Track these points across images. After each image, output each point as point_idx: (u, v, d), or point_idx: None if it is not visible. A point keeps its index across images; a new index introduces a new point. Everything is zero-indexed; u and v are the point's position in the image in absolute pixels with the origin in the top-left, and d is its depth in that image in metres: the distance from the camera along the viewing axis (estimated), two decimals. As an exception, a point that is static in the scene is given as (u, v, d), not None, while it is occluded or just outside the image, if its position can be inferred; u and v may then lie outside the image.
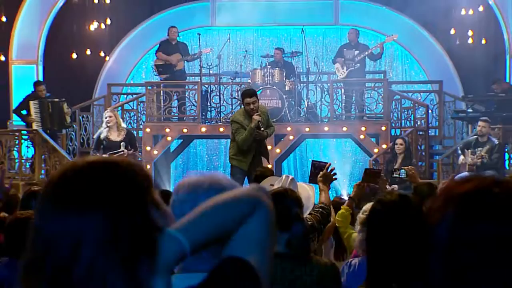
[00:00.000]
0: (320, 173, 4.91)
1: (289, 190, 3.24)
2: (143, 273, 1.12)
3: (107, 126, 9.29)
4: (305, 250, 3.05)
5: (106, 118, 9.44)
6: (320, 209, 4.24)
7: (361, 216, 3.76)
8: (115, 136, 9.32)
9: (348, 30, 12.74)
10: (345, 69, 12.11)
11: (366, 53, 12.14)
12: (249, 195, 1.35)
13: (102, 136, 9.30)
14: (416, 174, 5.88)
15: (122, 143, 9.20)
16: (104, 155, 9.06)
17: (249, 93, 8.03)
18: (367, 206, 3.54)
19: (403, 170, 6.29)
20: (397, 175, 6.34)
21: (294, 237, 2.99)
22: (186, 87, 12.51)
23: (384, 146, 11.37)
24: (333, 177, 4.87)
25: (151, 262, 1.14)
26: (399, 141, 9.95)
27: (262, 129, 7.88)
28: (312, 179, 4.93)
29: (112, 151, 8.93)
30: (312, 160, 5.50)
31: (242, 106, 8.15)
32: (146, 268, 1.13)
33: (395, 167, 9.50)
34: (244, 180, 8.32)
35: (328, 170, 4.88)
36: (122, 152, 9.02)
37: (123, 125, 9.80)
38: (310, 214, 4.15)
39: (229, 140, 9.63)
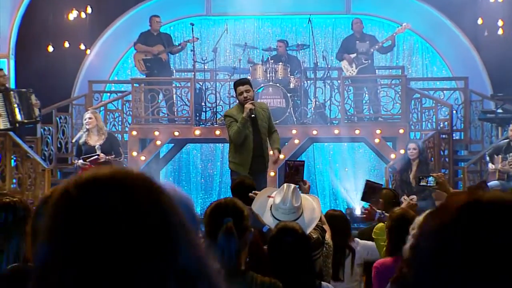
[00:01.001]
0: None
1: (228, 200, 3.26)
2: None
3: (87, 129, 9.34)
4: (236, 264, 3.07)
5: (85, 120, 9.49)
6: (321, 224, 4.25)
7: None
8: (94, 140, 9.37)
9: (352, 21, 12.74)
10: (354, 67, 12.10)
11: (377, 46, 12.15)
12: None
13: (81, 141, 9.36)
14: (447, 182, 5.90)
15: (97, 147, 9.26)
16: (80, 161, 9.14)
17: (241, 81, 8.26)
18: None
19: (431, 177, 6.27)
20: (424, 183, 6.32)
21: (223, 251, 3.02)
22: (178, 84, 12.52)
23: (402, 151, 11.32)
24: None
25: None
26: (411, 145, 9.93)
27: (253, 115, 7.98)
28: (288, 180, 5.03)
29: (89, 154, 8.95)
30: (286, 160, 5.62)
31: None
32: None
33: (411, 175, 9.50)
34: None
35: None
36: (96, 157, 9.06)
37: (105, 128, 9.85)
38: (314, 228, 4.14)
39: (226, 145, 9.68)
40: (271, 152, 8.41)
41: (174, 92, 12.21)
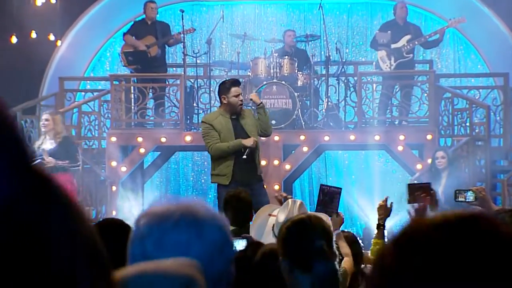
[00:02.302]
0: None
1: (312, 217, 3.26)
2: None
3: (44, 132, 9.61)
4: None
5: (42, 122, 9.69)
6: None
7: None
8: (47, 145, 9.58)
9: (395, 5, 12.49)
10: (393, 60, 12.06)
11: (423, 39, 12.10)
12: (179, 273, 1.40)
13: (36, 145, 9.61)
14: (489, 198, 5.87)
15: (41, 149, 9.47)
16: None
17: (238, 82, 8.72)
18: None
19: (470, 191, 6.22)
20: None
21: (318, 280, 3.03)
22: (165, 82, 12.51)
23: (430, 161, 11.29)
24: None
25: None
26: (439, 153, 9.94)
27: (244, 157, 8.18)
28: (320, 209, 5.01)
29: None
30: (321, 185, 5.61)
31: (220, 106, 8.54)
32: None
33: (439, 189, 9.44)
34: None
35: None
36: (39, 161, 9.20)
37: (64, 133, 10.07)
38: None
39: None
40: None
41: (159, 91, 12.17)
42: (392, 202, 5.31)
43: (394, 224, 11.18)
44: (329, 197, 5.27)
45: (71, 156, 9.77)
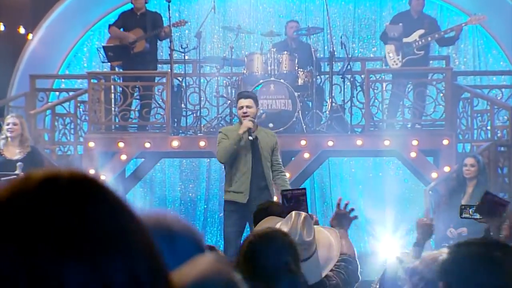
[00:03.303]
0: (335, 212, 5.05)
1: (278, 231, 3.28)
2: None
3: (6, 137, 9.55)
4: None
5: (8, 125, 9.69)
6: (343, 263, 4.24)
7: None
8: (13, 153, 9.57)
9: None
10: (401, 56, 12.10)
11: (437, 35, 12.13)
12: (220, 275, 1.48)
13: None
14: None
15: (19, 164, 9.42)
16: None
17: (245, 94, 9.15)
18: None
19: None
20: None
21: None
22: (152, 80, 12.52)
23: (447, 168, 11.34)
24: (351, 215, 5.03)
25: None
26: (469, 160, 9.91)
27: (250, 137, 8.83)
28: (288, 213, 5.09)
29: (4, 172, 9.08)
30: (282, 191, 5.77)
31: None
32: None
33: (463, 200, 9.47)
34: (243, 223, 8.64)
35: (342, 207, 5.02)
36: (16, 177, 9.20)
37: (30, 140, 10.10)
38: (332, 270, 4.14)
39: (213, 160, 9.76)
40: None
41: (143, 90, 12.19)
42: (432, 219, 5.35)
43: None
44: (294, 202, 5.31)
45: (39, 168, 9.79)
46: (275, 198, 8.90)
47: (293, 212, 4.29)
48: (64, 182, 1.26)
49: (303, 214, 4.27)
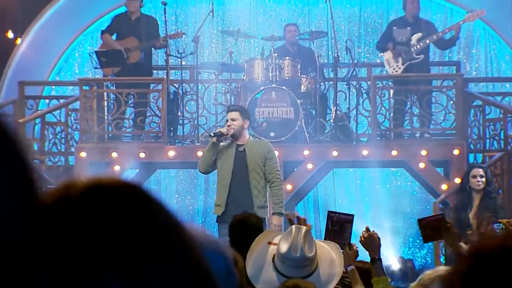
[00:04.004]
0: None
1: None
2: None
3: None
4: None
5: None
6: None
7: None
8: None
9: None
10: (401, 62, 12.10)
11: (435, 36, 12.14)
12: (227, 252, 1.52)
13: None
14: None
15: None
16: None
17: (231, 108, 9.79)
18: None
19: (499, 223, 6.25)
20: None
21: None
22: (147, 87, 12.50)
23: (458, 180, 11.31)
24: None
25: None
26: (478, 171, 9.86)
27: (222, 143, 9.39)
28: (329, 237, 5.04)
29: None
30: (329, 212, 5.71)
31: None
32: None
33: (471, 214, 9.44)
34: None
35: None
36: None
37: None
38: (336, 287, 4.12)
39: (212, 172, 9.83)
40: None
41: (138, 97, 12.18)
42: (373, 230, 5.27)
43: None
44: (339, 227, 5.27)
45: None
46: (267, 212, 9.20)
47: (293, 226, 4.28)
48: (109, 191, 1.31)
49: (304, 228, 4.25)
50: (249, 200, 9.13)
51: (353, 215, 5.60)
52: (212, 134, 9.55)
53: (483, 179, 9.78)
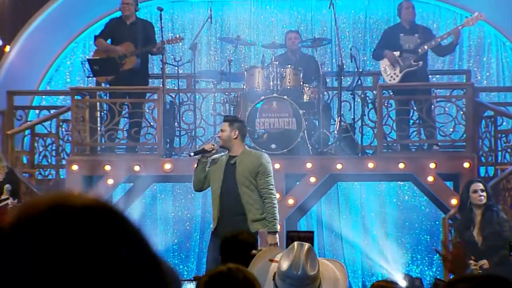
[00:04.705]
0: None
1: (233, 270, 3.31)
2: None
3: None
4: None
5: None
6: None
7: None
8: None
9: (400, 4, 12.68)
10: (398, 70, 12.11)
11: (433, 42, 12.16)
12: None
13: None
14: None
15: (6, 186, 9.58)
16: None
17: (223, 118, 9.89)
18: None
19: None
20: (475, 268, 6.29)
21: None
22: (143, 96, 12.51)
23: (459, 196, 11.29)
24: None
25: None
26: (478, 186, 9.79)
27: (216, 155, 9.38)
28: None
29: None
30: (288, 231, 5.82)
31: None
32: None
33: (475, 231, 9.42)
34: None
35: None
36: (7, 203, 9.34)
37: (4, 161, 10.21)
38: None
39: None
40: (278, 195, 8.69)
41: (132, 107, 12.18)
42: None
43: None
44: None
45: (17, 192, 9.90)
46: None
47: (296, 243, 4.27)
48: (76, 209, 1.29)
49: (307, 244, 4.24)
50: (242, 214, 9.13)
51: (313, 232, 5.75)
52: (192, 154, 9.65)
53: (484, 193, 9.71)
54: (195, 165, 9.46)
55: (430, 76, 13.05)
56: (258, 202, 9.18)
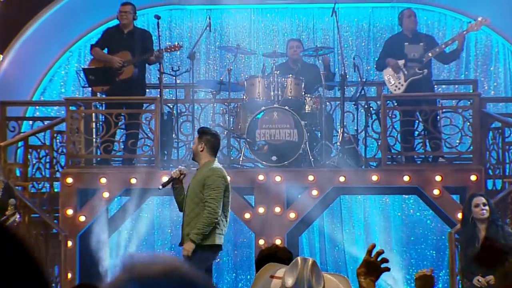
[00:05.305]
0: (364, 258, 4.88)
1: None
2: None
3: None
4: None
5: None
6: None
7: None
8: None
9: (401, 13, 12.74)
10: (403, 78, 12.14)
11: (438, 49, 12.19)
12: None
13: None
14: None
15: (11, 200, 9.70)
16: None
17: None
18: None
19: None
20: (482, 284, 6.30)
21: None
22: (141, 107, 12.51)
23: (462, 212, 11.30)
24: (382, 266, 4.84)
25: None
26: (480, 200, 9.69)
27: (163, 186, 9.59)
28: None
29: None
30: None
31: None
32: None
33: (480, 246, 9.41)
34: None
35: (373, 254, 4.85)
36: (14, 219, 9.52)
37: (1, 176, 10.24)
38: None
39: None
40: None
41: (129, 118, 12.18)
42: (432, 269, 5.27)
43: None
44: None
45: (17, 208, 9.97)
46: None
47: (299, 258, 4.28)
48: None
49: (311, 259, 4.25)
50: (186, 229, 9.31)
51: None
52: (160, 187, 9.65)
53: (487, 207, 9.64)
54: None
55: (436, 86, 13.08)
56: (198, 218, 9.15)
